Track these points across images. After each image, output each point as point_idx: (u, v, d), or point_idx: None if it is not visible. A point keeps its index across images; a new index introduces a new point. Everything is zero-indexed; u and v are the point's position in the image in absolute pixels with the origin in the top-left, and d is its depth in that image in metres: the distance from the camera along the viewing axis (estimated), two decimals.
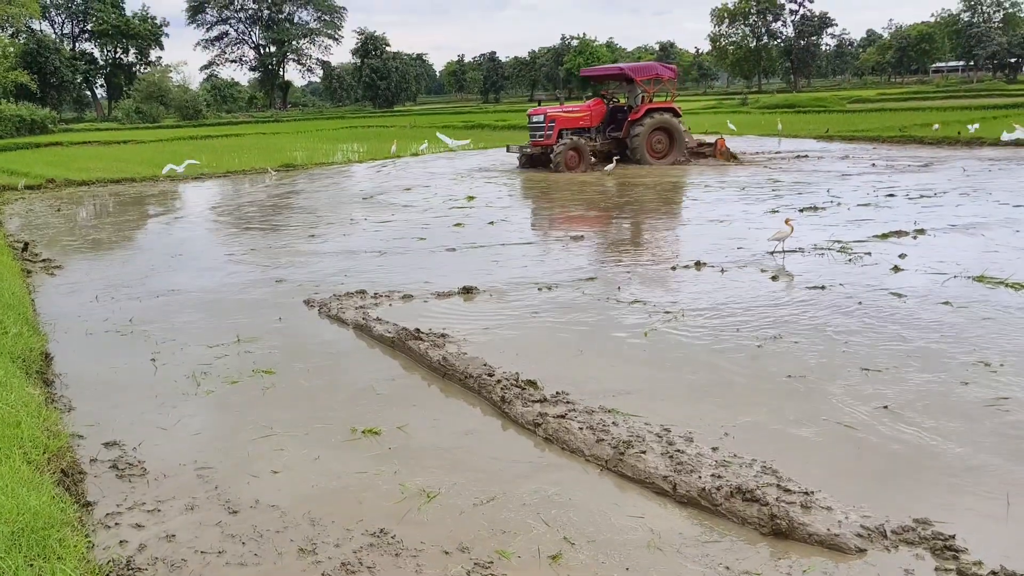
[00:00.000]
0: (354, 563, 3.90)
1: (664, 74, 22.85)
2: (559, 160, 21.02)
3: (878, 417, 5.34)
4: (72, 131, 56.43)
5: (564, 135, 21.65)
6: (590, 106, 22.53)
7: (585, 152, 21.39)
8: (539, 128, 21.88)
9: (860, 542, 3.88)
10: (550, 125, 21.60)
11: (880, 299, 8.13)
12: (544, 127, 21.68)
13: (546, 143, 21.62)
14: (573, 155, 21.25)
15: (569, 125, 21.90)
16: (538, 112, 22.02)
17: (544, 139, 21.68)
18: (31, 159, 31.78)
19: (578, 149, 21.33)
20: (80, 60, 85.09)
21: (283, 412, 5.91)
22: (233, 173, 25.05)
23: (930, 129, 27.08)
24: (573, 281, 9.43)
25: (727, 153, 22.77)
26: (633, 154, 21.87)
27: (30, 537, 3.67)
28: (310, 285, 9.83)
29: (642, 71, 22.70)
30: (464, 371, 6.31)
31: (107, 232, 15.06)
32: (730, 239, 11.56)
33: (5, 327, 7.22)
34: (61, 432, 5.27)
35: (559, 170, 20.86)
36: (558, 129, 21.65)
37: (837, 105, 48.77)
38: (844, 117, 38.14)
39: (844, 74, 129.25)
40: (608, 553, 3.93)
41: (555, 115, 21.74)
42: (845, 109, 45.44)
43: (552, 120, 21.63)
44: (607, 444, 4.96)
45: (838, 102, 51.29)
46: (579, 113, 22.26)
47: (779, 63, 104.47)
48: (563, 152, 21.09)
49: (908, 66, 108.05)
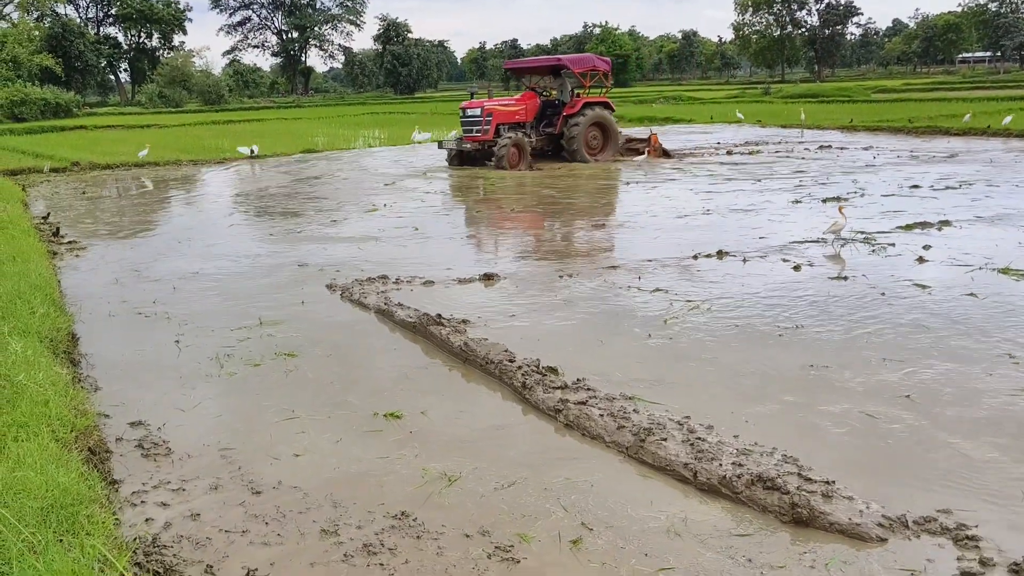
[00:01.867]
0: (376, 545, 3.93)
1: (600, 66, 21.68)
2: (503, 156, 19.62)
3: (900, 407, 5.32)
4: (96, 115, 56.81)
5: (501, 130, 20.19)
6: (524, 100, 21.03)
7: (526, 149, 20.13)
8: (475, 122, 20.24)
9: (881, 531, 3.88)
10: (487, 119, 20.06)
11: (904, 290, 8.08)
12: (481, 121, 20.07)
13: (483, 138, 20.12)
14: (515, 152, 19.92)
15: (506, 120, 20.39)
16: (474, 105, 20.32)
17: (481, 134, 20.12)
18: (56, 142, 32.06)
19: (519, 145, 20.00)
20: (104, 44, 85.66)
21: (305, 395, 5.96)
22: (257, 159, 25.16)
23: (956, 120, 26.80)
24: (596, 269, 9.42)
25: (660, 150, 21.94)
26: (571, 151, 20.70)
27: (59, 513, 3.73)
28: (331, 269, 9.88)
29: (580, 63, 21.49)
30: (485, 356, 6.33)
31: (131, 215, 15.18)
32: (753, 229, 11.51)
33: (33, 307, 7.31)
34: (88, 411, 5.34)
35: (502, 167, 19.53)
36: (495, 124, 20.17)
37: (862, 95, 48.42)
38: (869, 107, 37.84)
39: (869, 64, 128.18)
40: (627, 539, 3.94)
41: (492, 108, 20.17)
42: (870, 99, 45.08)
43: (489, 114, 20.07)
44: (628, 431, 4.97)
45: (863, 92, 50.89)
46: (515, 107, 20.71)
47: (803, 52, 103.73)
48: (508, 148, 19.69)
49: (934, 56, 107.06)
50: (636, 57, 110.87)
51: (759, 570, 3.67)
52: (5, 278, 8.38)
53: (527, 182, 17.77)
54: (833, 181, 16.07)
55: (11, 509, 3.67)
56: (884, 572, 3.62)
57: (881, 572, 3.62)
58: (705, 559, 3.76)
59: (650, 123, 34.78)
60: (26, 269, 8.84)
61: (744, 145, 24.25)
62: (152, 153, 25.03)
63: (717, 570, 3.67)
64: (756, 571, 3.66)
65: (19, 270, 8.76)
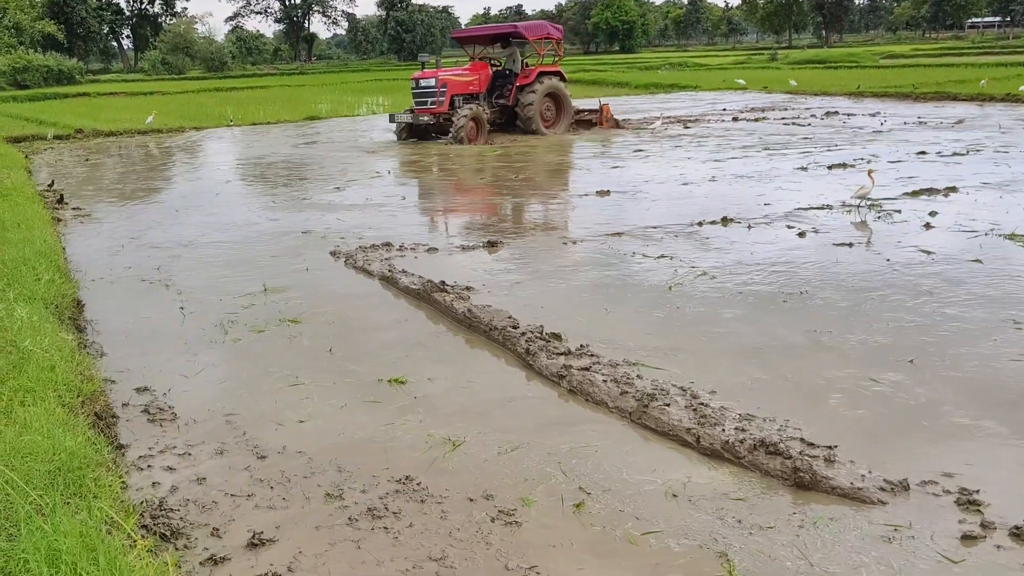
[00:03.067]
0: (380, 509, 3.96)
1: (554, 34, 20.43)
2: (462, 129, 18.33)
3: (904, 373, 5.32)
4: (99, 82, 56.67)
5: (456, 102, 19.02)
6: (476, 70, 19.77)
7: (484, 122, 18.96)
8: (429, 94, 18.91)
9: (883, 495, 3.90)
10: (442, 90, 18.78)
11: (909, 256, 8.06)
12: (436, 93, 18.77)
13: (438, 110, 18.84)
14: (472, 125, 18.69)
15: (460, 91, 19.17)
16: (427, 75, 18.96)
17: (436, 106, 18.83)
18: (59, 109, 31.99)
19: (477, 119, 18.75)
20: (106, 10, 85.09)
21: (309, 361, 5.98)
22: (259, 124, 25.07)
23: (965, 86, 26.57)
24: (599, 236, 9.41)
25: (612, 120, 21.20)
26: (526, 123, 19.63)
27: (67, 476, 3.76)
28: (335, 236, 9.88)
29: (534, 30, 20.09)
30: (489, 323, 6.34)
31: (134, 182, 15.16)
32: (758, 195, 11.46)
33: (38, 274, 7.33)
34: (94, 376, 5.37)
35: (459, 141, 18.30)
36: (449, 95, 18.93)
37: (870, 61, 47.97)
38: (877, 73, 37.55)
39: (877, 29, 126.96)
40: (625, 502, 3.96)
41: (447, 79, 18.93)
42: (878, 65, 44.67)
43: (444, 84, 18.79)
44: (631, 396, 4.98)
45: (870, 58, 50.41)
46: (469, 77, 19.45)
47: (811, 17, 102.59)
48: (467, 121, 18.40)
49: (943, 21, 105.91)
50: (641, 23, 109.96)
51: (747, 530, 3.70)
52: (10, 245, 8.39)
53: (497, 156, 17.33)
54: (839, 148, 15.98)
55: (19, 472, 3.70)
56: (876, 528, 3.64)
57: (869, 527, 3.64)
58: (696, 522, 3.78)
59: (656, 90, 34.56)
60: (31, 236, 8.85)
61: (750, 111, 24.09)
62: (156, 120, 24.98)
63: (706, 531, 3.70)
64: (745, 531, 3.69)
65: (24, 237, 8.77)
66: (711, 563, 3.50)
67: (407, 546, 3.67)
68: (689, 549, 3.59)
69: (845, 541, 3.60)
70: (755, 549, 3.57)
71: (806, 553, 3.53)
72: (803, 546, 3.58)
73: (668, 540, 3.66)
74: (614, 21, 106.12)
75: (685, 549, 3.60)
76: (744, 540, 3.63)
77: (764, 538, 3.65)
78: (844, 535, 3.65)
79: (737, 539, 3.64)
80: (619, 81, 39.59)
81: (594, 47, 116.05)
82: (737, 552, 3.55)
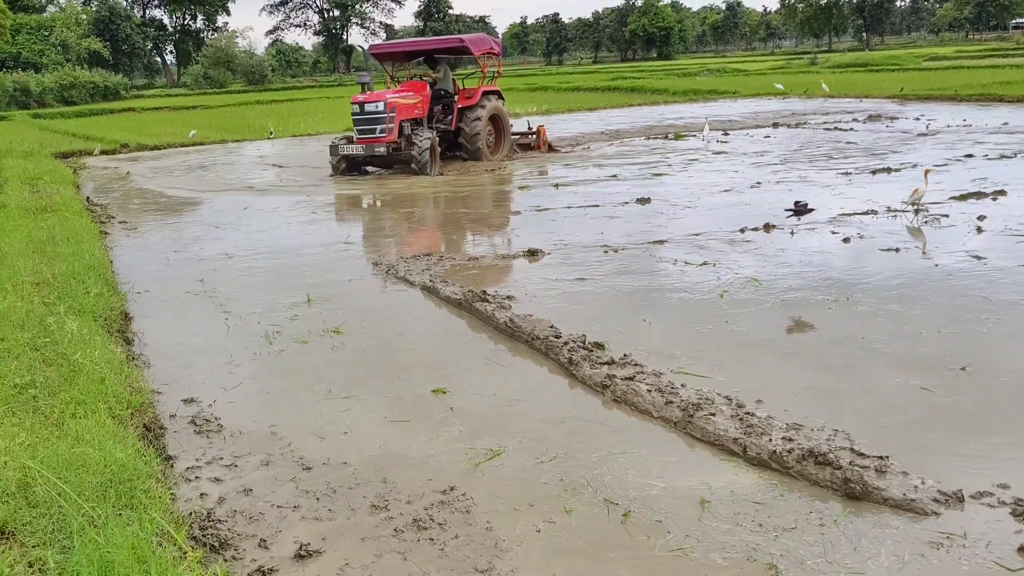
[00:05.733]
0: (425, 519, 3.96)
1: (495, 49, 18.20)
2: (426, 156, 15.76)
3: (956, 380, 5.22)
4: (143, 97, 57.66)
5: (405, 128, 16.14)
6: (416, 91, 16.93)
7: (437, 150, 16.38)
8: (377, 120, 15.83)
9: (936, 506, 3.82)
10: (391, 115, 15.83)
11: (958, 261, 7.92)
12: (385, 118, 15.78)
13: (388, 139, 15.83)
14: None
15: (407, 115, 16.27)
16: (374, 98, 15.93)
17: (386, 134, 15.82)
18: (105, 125, 32.60)
19: (434, 147, 16.17)
20: (150, 27, 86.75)
21: (352, 371, 6.01)
22: (299, 136, 25.34)
23: (1011, 87, 26.11)
24: (641, 243, 9.36)
25: (547, 144, 19.17)
26: (472, 149, 17.26)
27: (118, 488, 3.81)
28: (381, 247, 9.94)
29: (479, 44, 17.63)
30: (531, 333, 6.33)
31: (179, 195, 15.38)
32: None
33: (87, 287, 7.46)
34: (142, 388, 5.44)
35: (423, 171, 15.71)
36: (398, 121, 16.03)
37: (912, 63, 47.37)
38: (920, 75, 37.06)
39: (919, 31, 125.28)
40: (670, 512, 3.92)
41: (395, 103, 16.00)
42: (920, 67, 44.09)
43: (392, 108, 15.85)
44: (676, 406, 4.94)
45: (913, 60, 49.77)
46: (413, 99, 16.57)
47: (851, 20, 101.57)
48: (429, 150, 15.88)
49: (987, 22, 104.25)
50: (679, 29, 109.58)
51: (795, 542, 3.64)
52: (60, 259, 8.56)
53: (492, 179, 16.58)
54: (883, 152, 15.77)
55: (72, 484, 3.76)
56: (927, 534, 3.57)
57: (922, 535, 3.57)
58: (742, 532, 3.73)
59: (695, 96, 34.38)
60: (80, 250, 9.02)
61: (791, 116, 23.87)
62: (199, 134, 25.37)
63: (753, 543, 3.64)
64: (793, 543, 3.63)
65: (73, 251, 8.93)
66: (760, 575, 3.45)
67: (453, 557, 3.66)
68: (736, 562, 3.55)
69: (897, 550, 3.54)
70: (804, 561, 3.51)
71: (858, 565, 3.46)
72: (854, 557, 3.52)
73: (714, 552, 3.62)
74: (651, 27, 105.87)
75: (731, 562, 3.55)
76: (792, 552, 3.58)
77: (812, 550, 3.59)
78: (896, 544, 3.58)
79: (785, 551, 3.59)
80: (657, 88, 39.43)
81: (631, 54, 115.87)
82: (786, 565, 3.50)
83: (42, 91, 51.22)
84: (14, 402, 4.91)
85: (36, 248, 9.28)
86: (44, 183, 15.52)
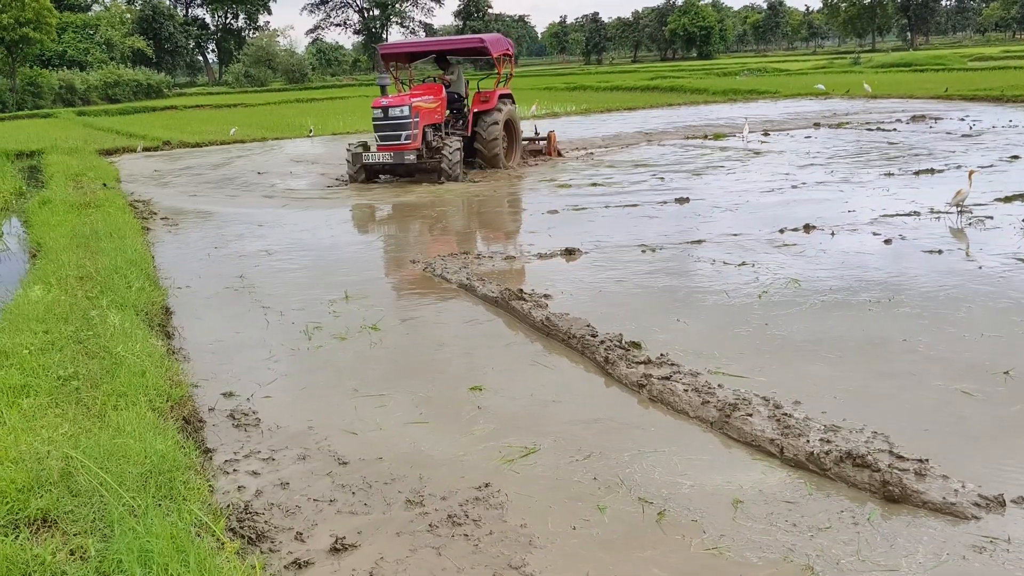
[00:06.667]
0: (460, 516, 3.97)
1: (511, 51, 17.20)
2: (457, 165, 14.93)
3: (999, 385, 5.13)
4: (185, 95, 58.46)
5: (428, 134, 15.11)
6: (435, 93, 15.64)
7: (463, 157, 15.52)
8: (403, 126, 14.59)
9: (977, 510, 3.76)
10: (416, 121, 14.67)
11: (1004, 263, 7.78)
12: (411, 124, 14.60)
13: (413, 146, 14.66)
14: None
15: (428, 120, 15.16)
16: (398, 102, 14.69)
17: (411, 140, 14.64)
18: (148, 122, 33.09)
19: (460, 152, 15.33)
20: (192, 26, 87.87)
21: (388, 368, 6.04)
22: (339, 134, 25.51)
23: None
24: (679, 243, 9.31)
25: (556, 149, 18.30)
26: (490, 156, 16.05)
27: (157, 479, 3.87)
28: (418, 245, 9.98)
29: (497, 45, 16.62)
30: (567, 331, 6.32)
31: (219, 192, 15.55)
32: (844, 202, 11.21)
33: (129, 282, 7.58)
34: (182, 382, 5.51)
35: (454, 179, 14.86)
36: (423, 127, 14.96)
37: (957, 63, 46.58)
38: (965, 75, 36.46)
39: (965, 31, 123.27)
40: (705, 512, 3.90)
41: (419, 107, 14.81)
42: (966, 67, 43.37)
43: (417, 113, 14.69)
44: (712, 406, 4.91)
45: (959, 60, 48.94)
46: (433, 103, 15.35)
47: (895, 20, 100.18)
48: (460, 155, 15.09)
49: None
50: (720, 28, 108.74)
51: (832, 543, 3.59)
52: (104, 254, 8.70)
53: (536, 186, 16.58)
54: (926, 152, 15.54)
55: (113, 475, 3.82)
56: (970, 538, 3.51)
57: (965, 539, 3.51)
58: (778, 532, 3.70)
59: (735, 96, 34.10)
60: (122, 245, 9.17)
61: (833, 116, 23.60)
62: (239, 132, 25.69)
63: (789, 544, 3.61)
64: (830, 544, 3.58)
65: (116, 246, 9.08)
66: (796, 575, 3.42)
67: (487, 553, 3.67)
68: (770, 562, 3.52)
69: (935, 549, 3.49)
70: (840, 562, 3.47)
71: (896, 567, 3.42)
72: (897, 564, 3.47)
73: (748, 552, 3.59)
74: (691, 27, 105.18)
75: (766, 562, 3.52)
76: (829, 554, 3.54)
77: (846, 551, 3.54)
78: (934, 544, 3.53)
79: (821, 552, 3.55)
80: (697, 88, 39.18)
81: (671, 53, 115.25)
82: (822, 566, 3.46)
83: (87, 89, 52.14)
84: (58, 393, 5.00)
85: (80, 243, 9.45)
86: (88, 179, 15.79)
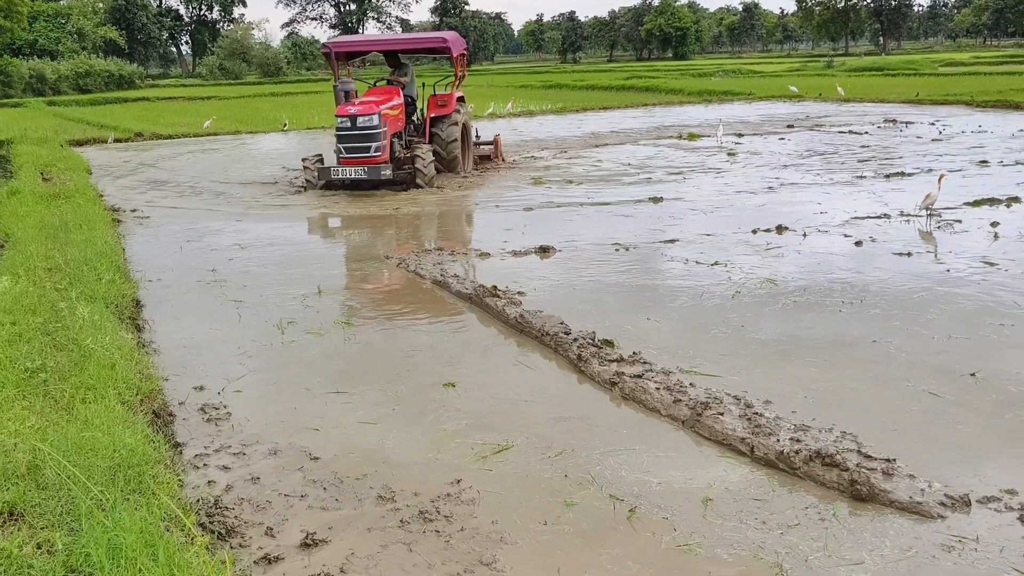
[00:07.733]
0: (431, 512, 3.97)
1: (465, 51, 16.45)
2: (432, 174, 13.83)
3: (965, 386, 5.20)
4: (158, 87, 57.89)
5: (393, 143, 13.86)
6: (391, 95, 14.21)
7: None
8: (372, 136, 13.17)
9: (943, 510, 3.81)
10: (383, 131, 13.31)
11: (971, 266, 7.88)
12: (380, 134, 13.21)
13: (383, 158, 13.29)
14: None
15: (394, 129, 13.94)
16: (366, 109, 13.19)
17: (380, 152, 13.26)
18: (120, 113, 32.71)
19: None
20: (166, 17, 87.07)
21: (361, 364, 6.03)
22: (314, 129, 25.37)
23: None
24: (652, 243, 9.35)
25: (502, 155, 17.31)
26: (450, 161, 14.86)
27: (126, 472, 3.83)
28: (392, 242, 9.96)
29: (459, 44, 15.72)
30: (540, 328, 6.33)
31: (191, 184, 15.41)
32: (816, 204, 11.32)
33: (99, 274, 7.50)
34: (152, 375, 5.47)
35: (429, 185, 13.70)
36: (389, 136, 13.60)
37: (929, 68, 47.15)
38: (936, 81, 36.89)
39: (937, 36, 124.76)
40: (675, 510, 3.92)
41: (387, 115, 13.53)
42: (937, 73, 43.89)
43: (385, 122, 13.40)
44: (684, 405, 4.94)
45: (930, 65, 49.56)
46: (396, 110, 14.02)
47: (868, 24, 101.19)
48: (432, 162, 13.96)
49: (1005, 28, 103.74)
50: (695, 30, 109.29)
51: (800, 541, 3.63)
52: (73, 245, 8.60)
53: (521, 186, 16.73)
54: (897, 156, 15.71)
55: (81, 468, 3.78)
56: (939, 536, 3.56)
57: (932, 538, 3.56)
58: (748, 530, 3.73)
59: (709, 97, 34.28)
60: (92, 236, 9.06)
61: (805, 119, 23.80)
62: (213, 124, 25.44)
63: (759, 542, 3.64)
64: (798, 542, 3.62)
65: (86, 237, 8.98)
66: (765, 573, 3.45)
67: (458, 549, 3.67)
68: (740, 559, 3.55)
69: (904, 548, 3.53)
70: (809, 560, 3.51)
71: (867, 565, 3.46)
72: (862, 557, 3.51)
73: (718, 549, 3.62)
74: (667, 27, 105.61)
75: (736, 559, 3.55)
76: (798, 552, 3.57)
77: (815, 547, 3.58)
78: (906, 543, 3.57)
79: (790, 549, 3.58)
80: (672, 88, 39.33)
81: (647, 53, 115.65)
82: (791, 563, 3.49)
83: (57, 79, 51.49)
84: (25, 386, 4.94)
85: (49, 234, 9.33)
86: (58, 170, 15.59)
